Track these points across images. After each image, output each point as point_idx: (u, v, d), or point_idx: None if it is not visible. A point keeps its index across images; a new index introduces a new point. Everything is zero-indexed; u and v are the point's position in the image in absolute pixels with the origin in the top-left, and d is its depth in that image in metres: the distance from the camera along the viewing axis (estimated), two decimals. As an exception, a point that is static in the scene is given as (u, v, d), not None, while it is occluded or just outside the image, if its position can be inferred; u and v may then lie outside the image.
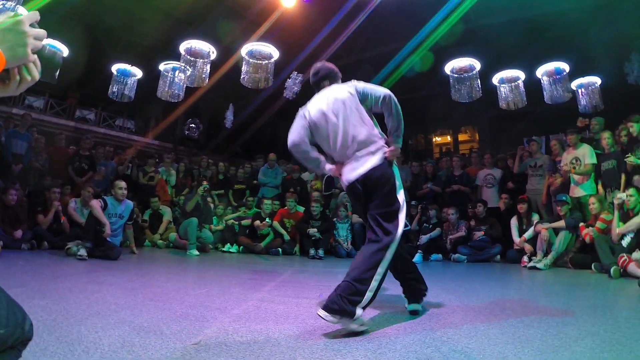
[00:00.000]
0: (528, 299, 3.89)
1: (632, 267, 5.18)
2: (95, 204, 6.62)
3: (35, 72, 1.19)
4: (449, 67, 9.17)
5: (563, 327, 2.65)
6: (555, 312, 3.13)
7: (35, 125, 10.86)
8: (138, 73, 10.07)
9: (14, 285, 1.17)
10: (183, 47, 9.21)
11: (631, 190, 5.95)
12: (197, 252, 7.81)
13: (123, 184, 7.05)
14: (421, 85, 15.60)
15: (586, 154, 7.43)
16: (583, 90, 9.12)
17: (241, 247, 8.80)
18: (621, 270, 5.28)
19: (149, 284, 4.32)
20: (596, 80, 9.04)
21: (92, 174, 9.54)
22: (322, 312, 2.46)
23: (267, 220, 8.72)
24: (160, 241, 8.92)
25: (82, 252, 6.09)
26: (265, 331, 2.48)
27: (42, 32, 1.16)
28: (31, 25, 1.13)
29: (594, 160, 7.36)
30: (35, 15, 1.15)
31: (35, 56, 1.16)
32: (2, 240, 6.34)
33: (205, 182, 9.04)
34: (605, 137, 7.32)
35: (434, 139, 22.53)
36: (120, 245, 7.00)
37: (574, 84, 8.96)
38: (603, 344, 2.28)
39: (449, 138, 22.16)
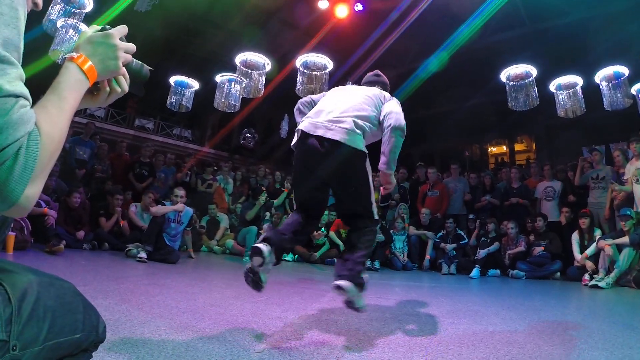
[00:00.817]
0: (591, 319, 3.83)
1: None
2: (157, 207, 7.00)
3: (125, 85, 1.28)
4: (504, 74, 8.99)
5: (628, 350, 2.62)
6: (619, 335, 3.09)
7: (97, 133, 11.47)
8: (195, 84, 10.40)
9: (77, 284, 1.28)
10: (239, 59, 9.44)
11: None
12: (253, 260, 7.96)
13: (182, 191, 7.29)
14: (473, 93, 15.39)
15: (653, 164, 7.10)
16: None
17: (296, 256, 8.91)
18: None
19: (208, 289, 4.43)
20: None
21: (152, 180, 9.91)
22: (344, 283, 2.59)
23: (322, 230, 8.82)
24: (217, 247, 9.15)
25: (142, 254, 6.33)
26: (328, 342, 2.54)
27: (131, 45, 1.25)
28: (120, 39, 1.21)
29: None
30: (124, 29, 1.23)
31: (124, 69, 1.24)
32: (65, 240, 6.56)
33: (264, 190, 9.23)
34: None
35: (489, 149, 22.11)
36: (178, 249, 7.20)
37: (634, 89, 8.54)
38: None
39: (504, 148, 21.67)
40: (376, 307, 3.84)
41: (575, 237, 7.55)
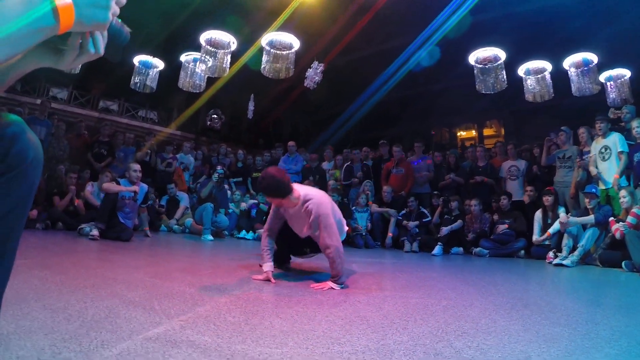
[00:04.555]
0: (554, 295, 3.60)
1: None
2: (108, 184, 6.74)
3: (101, 45, 1.01)
4: (473, 57, 8.88)
5: (593, 326, 2.37)
6: (583, 311, 2.85)
7: (56, 113, 11.43)
8: (159, 64, 10.08)
9: (17, 258, 1.12)
10: (203, 38, 9.15)
11: None
12: (211, 237, 7.78)
13: (137, 166, 7.05)
14: (443, 76, 15.25)
15: (617, 142, 7.07)
16: (612, 83, 8.77)
17: (256, 234, 8.68)
18: None
19: (154, 263, 4.29)
20: (626, 72, 8.66)
21: (111, 160, 9.75)
22: None
23: None
24: (176, 226, 8.93)
25: (95, 232, 6.14)
26: (262, 313, 2.37)
27: None
28: None
29: (626, 149, 6.97)
30: None
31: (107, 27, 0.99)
32: (16, 219, 6.29)
33: (219, 167, 8.94)
34: (636, 126, 6.88)
35: (458, 133, 22.14)
36: (133, 228, 6.99)
37: (602, 77, 8.63)
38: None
39: (473, 132, 21.77)
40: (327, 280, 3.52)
41: (538, 215, 7.40)
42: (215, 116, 19.63)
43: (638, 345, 2.03)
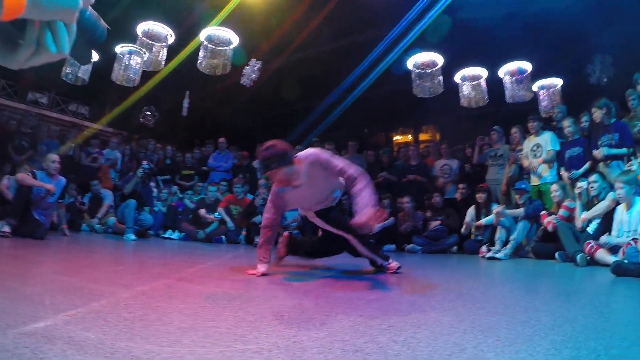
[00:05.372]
0: (489, 286, 3.46)
1: (600, 254, 4.85)
2: (23, 175, 6.18)
3: (66, 42, 0.70)
4: (411, 61, 9.02)
5: (534, 313, 2.18)
6: (521, 299, 2.70)
7: None
8: (94, 56, 9.41)
9: None
10: (140, 29, 8.85)
11: (594, 177, 5.69)
12: (134, 237, 7.33)
13: (56, 157, 6.53)
14: (382, 81, 15.26)
15: (548, 141, 7.23)
16: (544, 91, 9.16)
17: (182, 234, 8.33)
18: (588, 258, 4.97)
19: (63, 259, 4.03)
20: (558, 82, 9.07)
21: (33, 153, 9.02)
22: None
23: (216, 214, 8.39)
24: (99, 225, 8.31)
25: (6, 228, 5.74)
26: (163, 309, 2.07)
27: None
28: None
29: (557, 147, 7.15)
30: None
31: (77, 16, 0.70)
32: None
33: (145, 162, 8.43)
34: (567, 125, 7.10)
35: (394, 138, 22.34)
36: (51, 226, 6.53)
37: (535, 85, 8.96)
38: (586, 331, 1.82)
39: (409, 137, 21.98)
40: (237, 281, 3.24)
41: (471, 211, 7.43)
42: (148, 113, 18.84)
43: (583, 330, 1.84)
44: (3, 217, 6.05)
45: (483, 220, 6.93)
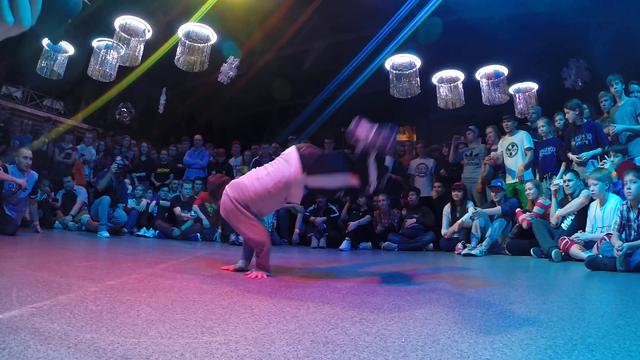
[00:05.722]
0: (463, 280, 3.44)
1: (574, 250, 4.95)
2: None
3: (28, 13, 0.63)
4: (389, 62, 9.09)
5: (508, 305, 2.18)
6: (496, 292, 2.67)
7: None
8: (70, 49, 9.43)
9: None
10: (117, 23, 8.73)
11: (569, 175, 5.78)
12: (107, 234, 7.14)
13: (28, 152, 6.46)
14: (358, 82, 15.28)
15: (524, 139, 7.32)
16: (520, 95, 9.30)
17: (157, 232, 8.20)
18: (562, 253, 5.05)
19: (31, 255, 3.94)
20: (534, 86, 9.21)
21: (5, 147, 8.81)
22: None
23: (192, 212, 8.31)
24: (72, 223, 8.14)
25: None
26: (131, 302, 2.01)
27: None
28: None
29: (532, 145, 7.24)
30: None
31: None
32: None
33: (119, 158, 8.25)
34: (541, 125, 7.21)
35: (371, 137, 22.44)
36: (22, 222, 6.50)
37: (511, 89, 9.09)
38: (562, 321, 1.82)
39: (387, 137, 22.10)
40: (210, 276, 3.17)
41: (447, 209, 7.46)
42: (124, 110, 18.53)
43: (559, 320, 1.84)
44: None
45: (464, 218, 6.89)
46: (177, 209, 8.24)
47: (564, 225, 5.55)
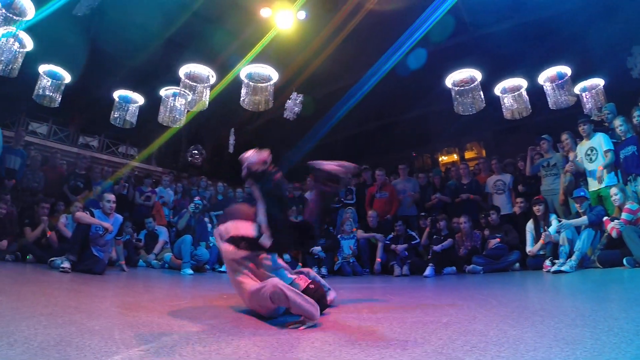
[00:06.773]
0: (560, 299, 3.37)
1: None
2: (81, 213, 6.30)
3: None
4: (449, 80, 8.82)
5: (614, 321, 2.14)
6: (597, 309, 2.61)
7: (32, 144, 11.38)
8: (139, 99, 9.88)
9: None
10: (182, 71, 9.02)
11: None
12: (191, 271, 7.40)
13: (111, 196, 6.73)
14: (419, 102, 15.23)
15: (602, 142, 6.98)
16: (587, 93, 8.78)
17: None
18: None
19: (124, 294, 4.06)
20: (600, 82, 8.69)
21: (88, 192, 9.31)
22: None
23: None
24: (155, 261, 8.45)
25: (66, 264, 5.73)
26: (238, 342, 2.07)
27: None
28: None
29: (611, 146, 6.89)
30: None
31: None
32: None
33: (197, 199, 8.64)
34: (619, 125, 6.88)
35: (440, 158, 22.13)
36: (109, 262, 6.71)
37: (577, 88, 8.62)
38: None
39: (455, 156, 21.72)
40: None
41: (530, 226, 7.19)
42: (195, 152, 19.30)
43: None
44: (63, 254, 6.19)
45: (550, 230, 6.62)
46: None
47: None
